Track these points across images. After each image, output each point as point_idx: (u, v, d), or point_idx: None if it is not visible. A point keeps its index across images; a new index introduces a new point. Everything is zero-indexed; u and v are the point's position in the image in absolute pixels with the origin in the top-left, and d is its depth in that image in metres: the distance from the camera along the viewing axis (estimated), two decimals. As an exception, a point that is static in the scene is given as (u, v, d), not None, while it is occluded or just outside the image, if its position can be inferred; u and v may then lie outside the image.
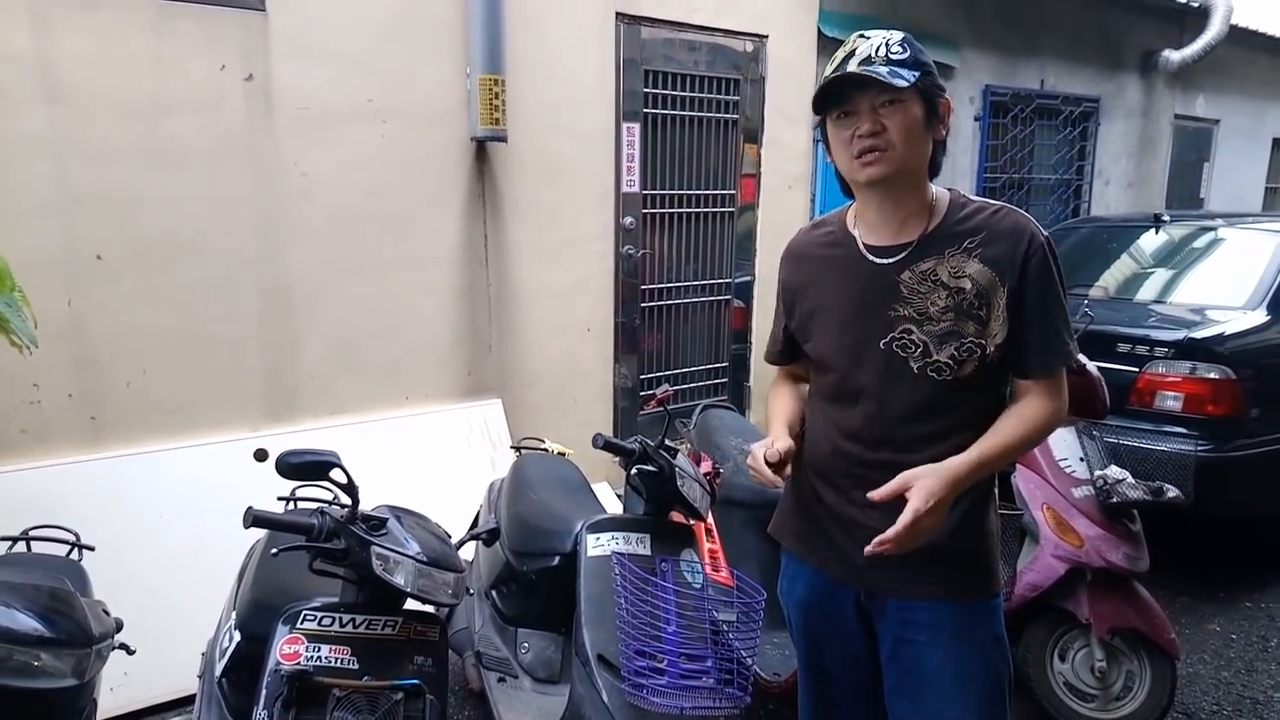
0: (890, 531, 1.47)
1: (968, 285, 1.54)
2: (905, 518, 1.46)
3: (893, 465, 1.58)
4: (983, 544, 1.64)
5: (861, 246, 1.65)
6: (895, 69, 1.49)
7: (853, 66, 1.52)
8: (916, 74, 1.50)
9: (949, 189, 1.66)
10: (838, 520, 1.71)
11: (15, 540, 2.29)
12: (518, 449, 3.17)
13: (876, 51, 1.51)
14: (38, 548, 2.30)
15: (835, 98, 1.56)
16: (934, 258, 1.57)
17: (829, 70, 1.57)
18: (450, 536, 1.99)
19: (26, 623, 1.59)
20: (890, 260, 1.60)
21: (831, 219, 1.77)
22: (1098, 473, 2.84)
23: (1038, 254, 1.53)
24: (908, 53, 1.52)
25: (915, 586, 1.63)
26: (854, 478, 1.67)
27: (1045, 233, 1.56)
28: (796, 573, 1.84)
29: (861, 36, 1.56)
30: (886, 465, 1.60)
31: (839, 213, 1.76)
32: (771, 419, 1.82)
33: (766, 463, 1.62)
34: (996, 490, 1.69)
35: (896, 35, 1.54)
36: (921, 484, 1.48)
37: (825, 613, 1.78)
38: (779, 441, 1.66)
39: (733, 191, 4.95)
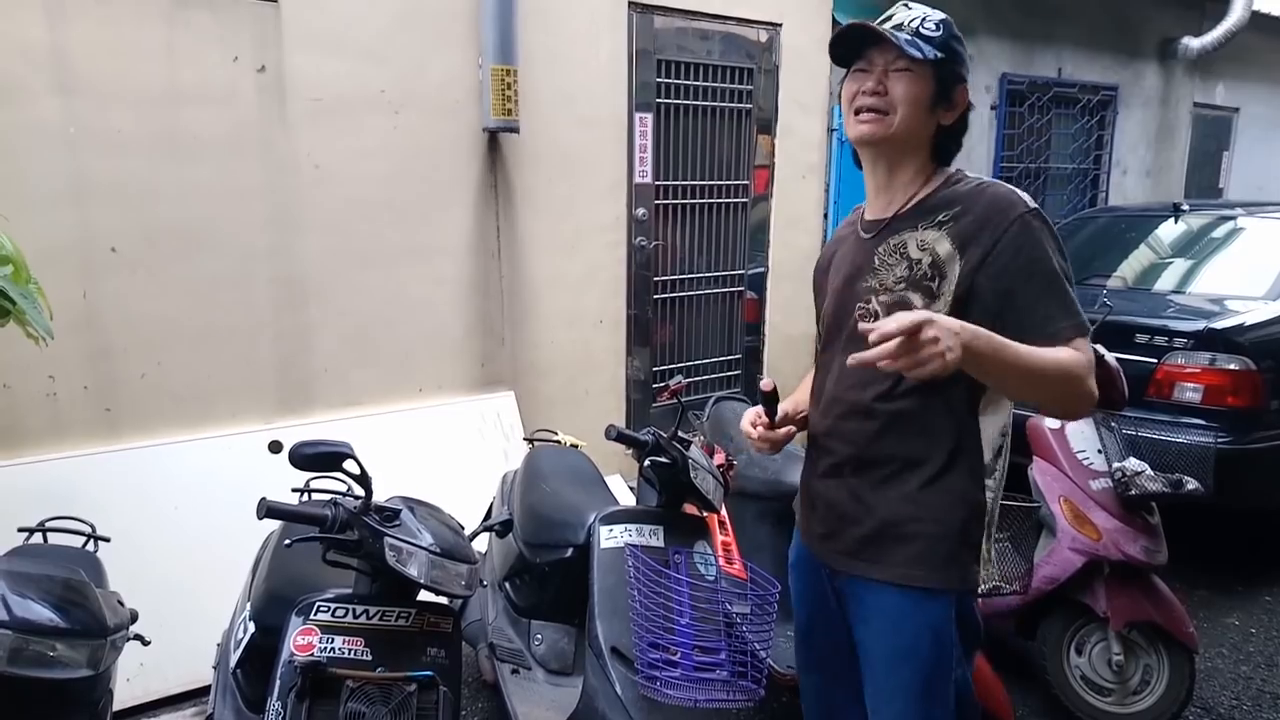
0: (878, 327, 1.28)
1: (927, 258, 1.53)
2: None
3: (840, 433, 1.63)
4: (933, 529, 1.54)
5: (860, 223, 1.70)
6: (918, 41, 1.50)
7: (884, 28, 1.54)
8: (940, 54, 1.51)
9: (956, 169, 1.64)
10: (809, 490, 1.75)
11: (32, 531, 2.30)
12: (531, 441, 3.17)
13: (910, 22, 1.54)
14: (54, 539, 2.32)
15: (858, 55, 1.58)
16: (908, 231, 1.57)
17: None
18: (463, 528, 1.99)
19: (42, 613, 1.60)
20: (872, 235, 1.64)
21: (862, 205, 1.80)
22: (1116, 465, 2.81)
23: (1016, 225, 1.46)
24: (940, 33, 1.54)
25: (851, 562, 1.64)
26: (818, 447, 1.72)
27: (1032, 204, 1.50)
28: (798, 559, 1.87)
29: (905, 6, 1.58)
30: (834, 433, 1.65)
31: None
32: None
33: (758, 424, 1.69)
34: (987, 479, 1.57)
35: (938, 15, 1.56)
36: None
37: (818, 600, 1.80)
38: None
39: (746, 182, 4.92)
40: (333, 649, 1.72)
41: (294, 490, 2.44)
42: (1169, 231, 4.63)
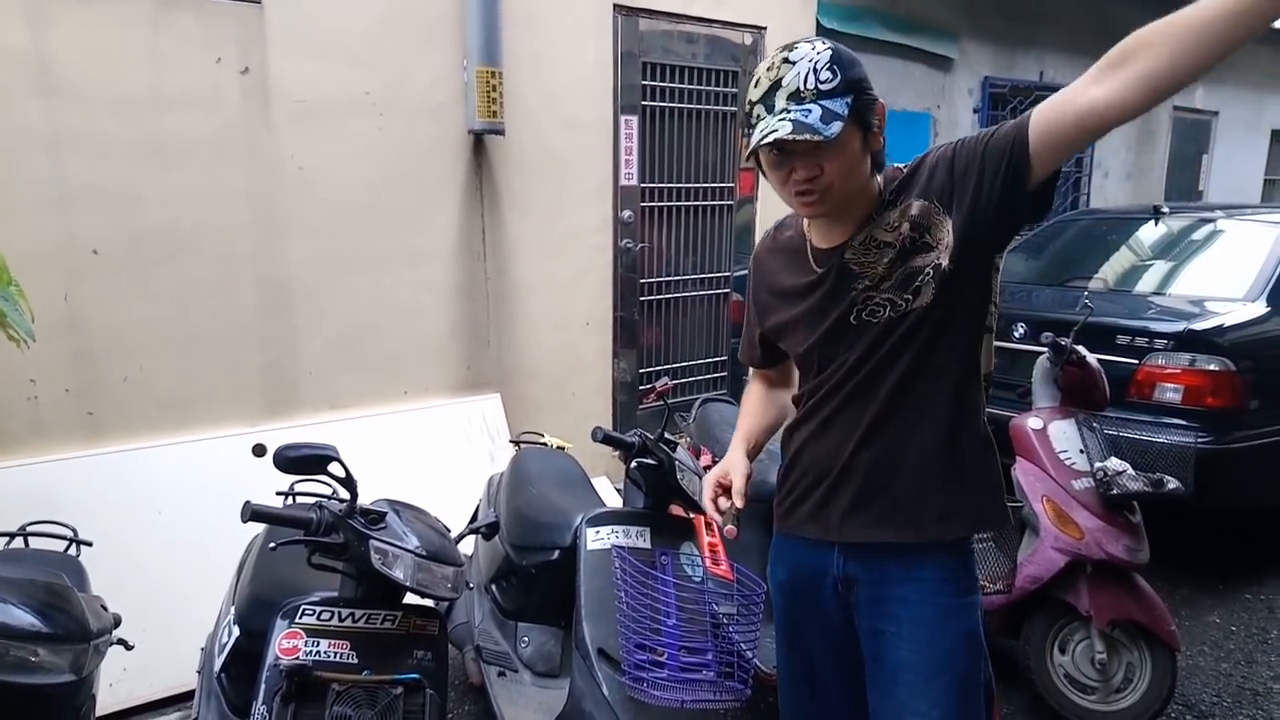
0: None
1: (905, 227, 1.49)
2: None
3: (886, 420, 1.56)
4: (964, 474, 1.57)
5: (810, 253, 1.62)
6: (828, 108, 1.38)
7: (780, 101, 1.41)
8: (849, 99, 1.40)
9: (889, 167, 1.59)
10: (820, 471, 1.66)
11: (13, 536, 2.28)
12: (517, 443, 3.17)
13: (805, 83, 1.40)
14: (36, 543, 2.30)
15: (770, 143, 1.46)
16: (866, 228, 1.54)
17: (755, 96, 1.47)
18: (449, 530, 1.99)
19: (23, 618, 1.59)
20: (835, 256, 1.57)
21: (790, 220, 1.73)
22: (1098, 465, 2.84)
23: (941, 151, 1.49)
24: (838, 78, 1.40)
25: (882, 530, 1.58)
26: (844, 439, 1.62)
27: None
28: (779, 554, 1.80)
29: (786, 62, 1.43)
30: (878, 426, 1.58)
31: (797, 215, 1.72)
32: (737, 428, 1.82)
33: (721, 493, 1.66)
34: (982, 428, 1.59)
35: (824, 56, 1.41)
36: None
37: (807, 596, 1.73)
38: (735, 474, 1.66)
39: (731, 184, 4.94)
40: (318, 652, 1.72)
41: (279, 493, 2.43)
42: (1149, 234, 4.67)
